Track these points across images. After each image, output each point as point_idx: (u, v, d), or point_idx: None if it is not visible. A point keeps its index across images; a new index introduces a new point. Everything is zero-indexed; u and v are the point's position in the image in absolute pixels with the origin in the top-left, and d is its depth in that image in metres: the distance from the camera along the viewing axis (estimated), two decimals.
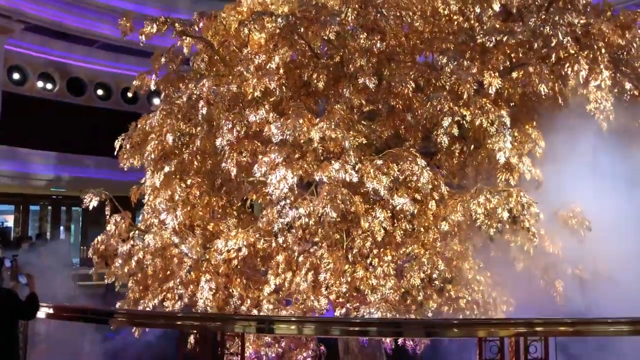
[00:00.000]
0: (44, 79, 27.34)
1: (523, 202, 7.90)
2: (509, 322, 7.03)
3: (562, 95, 8.20)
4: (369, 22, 7.94)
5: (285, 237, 8.10)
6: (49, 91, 27.42)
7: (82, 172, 25.38)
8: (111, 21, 24.99)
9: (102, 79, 28.93)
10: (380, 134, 8.50)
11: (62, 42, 26.87)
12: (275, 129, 7.40)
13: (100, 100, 28.88)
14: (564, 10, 8.23)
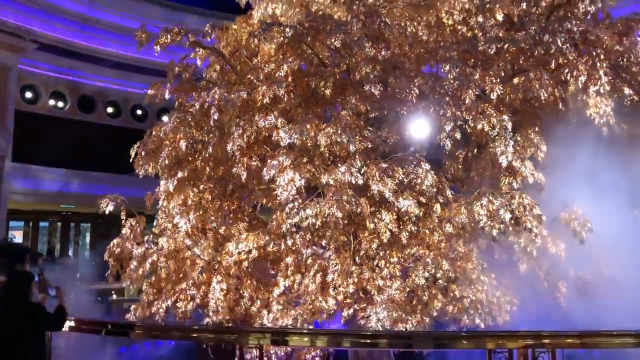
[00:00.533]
0: (56, 97, 28.36)
1: (525, 203, 8.42)
2: (517, 334, 7.37)
3: (563, 100, 8.72)
4: (374, 31, 8.54)
5: (294, 240, 8.71)
6: (60, 109, 28.43)
7: (91, 188, 26.20)
8: (121, 40, 26.25)
9: (112, 97, 29.94)
10: (386, 139, 9.01)
11: (74, 61, 27.93)
12: (284, 133, 7.98)
13: (110, 118, 29.85)
14: (564, 18, 8.81)
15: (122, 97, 30.05)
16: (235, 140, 8.56)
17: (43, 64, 27.37)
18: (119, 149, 10.96)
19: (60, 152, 26.41)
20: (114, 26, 26.84)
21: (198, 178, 9.61)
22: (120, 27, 26.58)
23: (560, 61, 8.40)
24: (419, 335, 8.15)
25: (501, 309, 8.63)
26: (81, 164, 26.50)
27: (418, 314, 8.63)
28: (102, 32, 26.97)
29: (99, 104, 29.60)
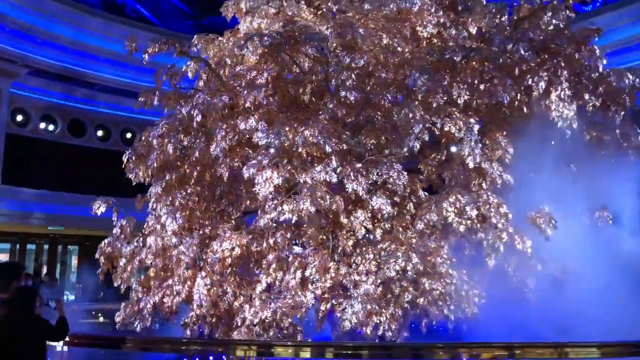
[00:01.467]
0: (46, 121, 29.89)
1: (491, 202, 9.63)
2: (490, 345, 8.16)
3: (528, 105, 9.99)
4: (349, 42, 9.84)
5: (275, 238, 9.95)
6: (51, 132, 29.89)
7: (80, 210, 27.55)
8: (112, 66, 27.88)
9: (102, 121, 31.49)
10: (365, 144, 10.23)
11: (65, 85, 29.52)
12: (261, 134, 9.23)
13: (100, 141, 31.36)
14: (528, 29, 10.14)
15: (112, 121, 31.57)
16: (219, 142, 9.75)
17: (34, 88, 28.90)
18: (108, 172, 12.05)
19: (50, 174, 27.79)
20: (106, 52, 28.44)
21: (186, 182, 10.77)
22: (111, 52, 28.22)
23: (524, 68, 9.62)
24: (399, 347, 9.19)
25: (469, 301, 9.73)
26: (70, 186, 27.81)
27: (391, 307, 9.75)
28: (94, 58, 28.54)
29: (89, 127, 31.07)
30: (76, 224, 28.54)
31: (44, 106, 29.63)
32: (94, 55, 28.12)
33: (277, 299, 9.95)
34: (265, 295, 10.19)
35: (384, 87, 10.03)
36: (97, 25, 28.01)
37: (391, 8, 10.43)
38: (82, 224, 28.11)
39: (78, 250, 31.73)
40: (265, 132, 9.20)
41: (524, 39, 9.67)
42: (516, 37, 9.75)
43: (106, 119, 31.45)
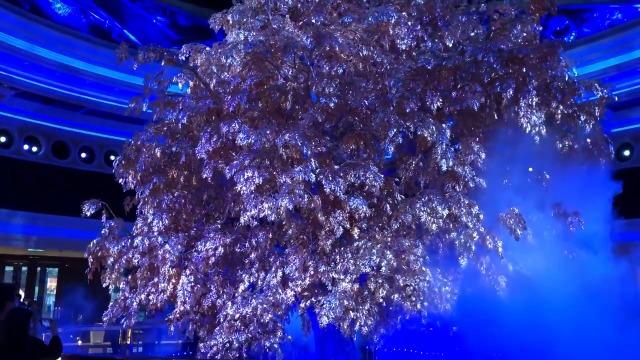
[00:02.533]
0: (30, 142, 31.46)
1: (462, 202, 11.05)
2: None
3: (499, 111, 11.47)
4: (328, 52, 11.33)
5: (257, 238, 11.37)
6: (35, 154, 31.40)
7: (61, 232, 29.00)
8: (97, 88, 29.55)
9: (86, 143, 33.10)
10: (345, 148, 11.63)
11: (50, 107, 31.17)
12: (242, 134, 10.67)
13: (84, 163, 32.93)
14: (498, 40, 11.68)
15: (97, 143, 33.17)
16: (203, 145, 11.18)
17: (19, 110, 30.50)
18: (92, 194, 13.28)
19: (34, 195, 29.23)
20: (92, 75, 30.11)
21: (173, 185, 12.16)
22: (97, 76, 29.93)
23: (493, 76, 11.11)
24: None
25: (442, 298, 11.10)
26: (53, 207, 29.24)
27: (368, 303, 11.10)
28: (79, 80, 30.16)
29: (73, 149, 32.63)
30: (57, 246, 30.06)
31: (28, 127, 31.13)
32: (80, 78, 29.65)
33: (258, 296, 11.22)
34: (247, 293, 11.46)
35: (363, 95, 11.39)
36: (84, 49, 29.55)
37: (370, 21, 11.84)
38: (64, 246, 29.68)
39: (58, 272, 33.05)
40: (246, 132, 10.54)
41: (493, 49, 11.13)
42: (486, 47, 11.18)
43: (90, 141, 33.00)
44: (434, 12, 12.93)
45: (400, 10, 12.28)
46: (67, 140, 32.03)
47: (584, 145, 12.47)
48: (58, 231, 28.67)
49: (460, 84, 11.19)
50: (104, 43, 30.12)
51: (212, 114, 11.48)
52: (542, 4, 12.14)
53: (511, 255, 11.54)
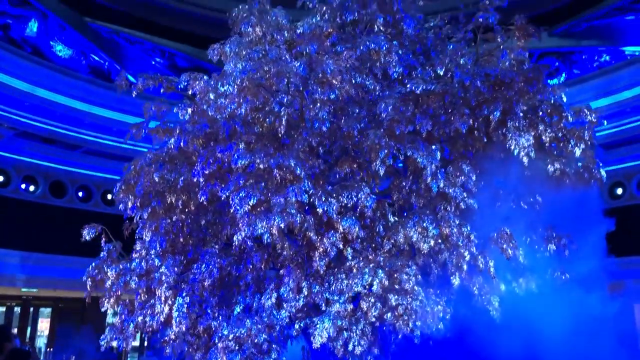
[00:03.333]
0: (28, 181, 31.73)
1: (452, 223, 11.28)
2: None
3: (487, 134, 11.78)
4: (318, 77, 11.68)
5: (252, 260, 11.57)
6: (32, 193, 31.66)
7: (57, 272, 29.12)
8: (96, 129, 29.98)
9: (84, 182, 33.38)
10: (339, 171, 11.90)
11: (49, 147, 31.56)
12: (236, 156, 10.97)
13: (81, 202, 33.15)
14: (484, 66, 12.07)
15: (94, 182, 33.47)
16: (199, 168, 11.49)
17: (18, 150, 30.84)
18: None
19: (28, 234, 29.38)
20: (90, 115, 30.56)
21: (172, 210, 12.40)
22: (96, 116, 30.40)
23: (480, 99, 11.46)
24: None
25: (435, 317, 11.23)
26: (49, 246, 29.37)
27: (361, 323, 11.25)
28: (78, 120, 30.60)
29: (71, 188, 32.88)
30: (51, 286, 30.36)
31: (26, 167, 31.45)
32: (79, 118, 30.22)
33: (252, 317, 11.38)
34: (242, 315, 11.62)
35: (356, 119, 11.75)
36: (83, 89, 30.23)
37: (361, 49, 12.23)
38: (58, 285, 29.92)
39: (51, 313, 32.96)
40: (240, 154, 10.85)
41: (480, 74, 11.50)
42: (474, 72, 11.55)
43: (88, 180, 33.29)
44: (425, 42, 13.29)
45: (392, 40, 12.59)
46: (65, 180, 32.50)
47: (576, 169, 12.61)
48: (53, 270, 29.06)
49: (449, 108, 11.46)
50: (102, 84, 30.95)
51: (211, 139, 11.75)
52: (527, 31, 12.49)
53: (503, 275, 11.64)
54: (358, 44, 12.52)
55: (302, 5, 14.41)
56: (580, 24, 31.54)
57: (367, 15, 13.19)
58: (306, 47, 12.20)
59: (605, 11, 30.94)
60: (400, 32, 13.71)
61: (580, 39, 31.53)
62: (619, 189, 29.48)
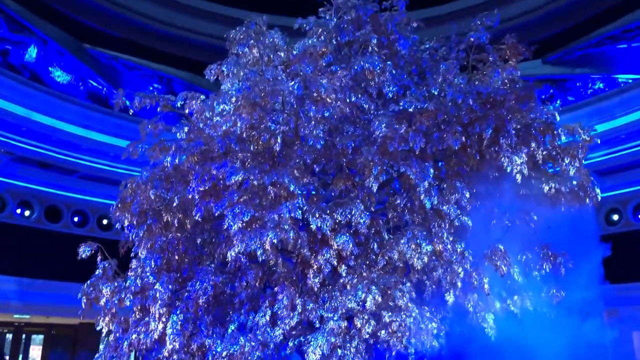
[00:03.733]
0: (23, 206, 31.72)
1: (445, 239, 11.32)
2: None
3: (480, 151, 11.88)
4: (313, 95, 11.81)
5: (247, 277, 11.58)
6: (27, 218, 31.65)
7: (50, 298, 29.01)
8: (92, 154, 30.09)
9: (80, 207, 33.36)
10: (335, 188, 12.00)
11: (45, 172, 31.61)
12: (230, 172, 11.09)
13: (76, 227, 33.12)
14: (476, 82, 12.20)
15: (90, 207, 33.46)
16: (194, 185, 11.57)
17: (14, 174, 30.88)
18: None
19: (22, 260, 29.32)
20: (87, 140, 30.68)
21: (167, 228, 12.44)
22: (92, 141, 30.54)
23: (472, 117, 11.58)
24: None
25: (429, 334, 11.22)
26: (43, 272, 29.32)
27: (355, 340, 11.23)
28: (75, 146, 30.72)
29: (66, 213, 32.86)
30: (45, 312, 30.32)
31: (22, 192, 31.45)
32: (76, 143, 30.33)
33: (246, 335, 11.36)
34: (236, 333, 11.60)
35: (350, 137, 11.87)
36: (80, 114, 30.44)
37: (356, 69, 12.39)
38: (51, 312, 29.93)
39: (43, 339, 32.69)
40: (234, 171, 10.94)
41: (472, 92, 11.64)
42: (466, 91, 11.69)
43: (84, 205, 33.27)
44: (420, 63, 13.47)
45: (386, 60, 12.76)
46: (60, 204, 32.42)
47: (571, 187, 12.68)
48: (47, 296, 28.86)
49: (442, 126, 11.57)
50: (99, 109, 31.06)
51: (206, 157, 11.83)
52: (517, 50, 12.69)
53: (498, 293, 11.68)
54: (352, 63, 12.67)
55: (299, 28, 14.66)
56: (574, 52, 32.02)
57: (362, 36, 13.34)
58: (300, 65, 12.30)
59: (597, 40, 31.42)
60: (395, 53, 13.92)
61: (574, 66, 31.99)
62: (615, 215, 29.58)
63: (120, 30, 34.52)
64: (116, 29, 34.43)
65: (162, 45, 35.14)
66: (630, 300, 27.29)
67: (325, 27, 14.30)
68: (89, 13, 33.97)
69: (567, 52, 32.21)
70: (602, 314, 14.87)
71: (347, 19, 13.98)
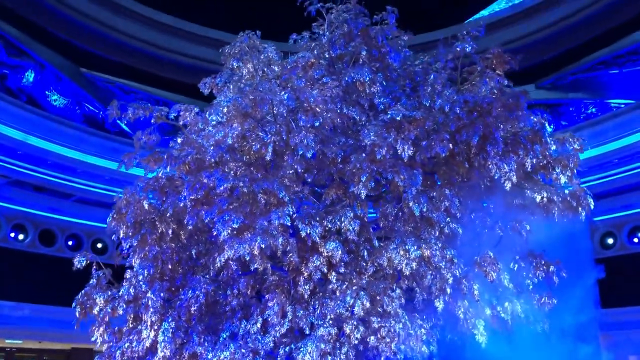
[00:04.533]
0: (17, 230, 31.86)
1: (434, 245, 11.45)
2: None
3: (468, 159, 12.07)
4: (303, 105, 12.08)
5: (239, 285, 11.71)
6: (20, 241, 31.80)
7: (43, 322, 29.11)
8: (88, 177, 30.31)
9: (74, 231, 33.47)
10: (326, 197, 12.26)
11: (40, 196, 31.82)
12: (221, 180, 11.46)
13: (70, 251, 33.18)
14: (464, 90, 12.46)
15: (84, 231, 33.58)
16: (186, 194, 11.81)
17: (8, 198, 31.05)
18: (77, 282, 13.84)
19: (15, 284, 29.45)
20: (82, 163, 30.97)
21: (162, 238, 12.71)
22: (88, 164, 30.82)
23: (459, 125, 11.81)
24: None
25: (418, 340, 11.32)
26: (36, 296, 29.40)
27: (345, 347, 11.32)
28: (70, 169, 31.01)
29: (60, 237, 32.95)
30: (37, 337, 30.40)
31: (16, 215, 31.62)
32: (71, 167, 30.73)
33: (237, 342, 11.46)
34: (228, 341, 11.70)
35: (341, 147, 12.15)
36: (76, 138, 31.02)
37: (347, 80, 12.65)
38: (44, 337, 29.98)
39: None
40: (224, 178, 11.50)
41: (459, 101, 11.90)
42: (453, 99, 11.97)
43: (78, 229, 33.39)
44: (413, 76, 13.75)
45: (377, 72, 13.04)
46: (55, 228, 32.52)
47: (563, 196, 12.90)
48: (39, 321, 28.89)
49: (430, 134, 11.80)
50: (95, 132, 31.64)
51: (201, 168, 12.07)
52: (503, 59, 13.07)
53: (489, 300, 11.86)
54: (343, 75, 12.93)
55: (294, 44, 15.18)
56: (567, 77, 32.53)
57: (353, 48, 13.65)
58: (290, 76, 12.56)
59: (590, 65, 31.92)
60: (387, 66, 14.23)
61: (567, 91, 32.44)
62: (610, 238, 29.86)
63: (116, 54, 35.38)
64: (113, 53, 35.23)
65: (158, 69, 36.08)
66: (627, 324, 27.43)
67: (318, 42, 14.84)
68: (86, 37, 34.79)
69: (560, 77, 32.96)
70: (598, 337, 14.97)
71: (340, 33, 14.28)
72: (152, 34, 36.49)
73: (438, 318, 12.13)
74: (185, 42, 37.08)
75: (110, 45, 35.48)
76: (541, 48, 33.61)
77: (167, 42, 36.80)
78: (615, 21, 32.40)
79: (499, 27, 33.23)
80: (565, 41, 33.40)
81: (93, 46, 34.99)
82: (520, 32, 33.94)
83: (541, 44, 33.77)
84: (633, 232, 30.03)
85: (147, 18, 36.49)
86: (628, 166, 28.58)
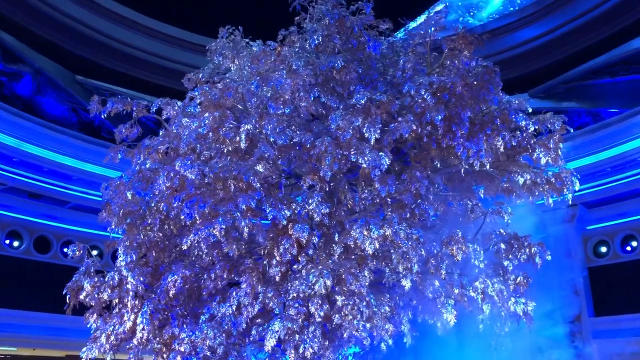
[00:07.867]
0: (12, 237, 32.37)
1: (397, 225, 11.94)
2: None
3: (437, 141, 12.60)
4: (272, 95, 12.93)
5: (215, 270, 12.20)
6: (15, 248, 32.42)
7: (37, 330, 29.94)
8: (83, 184, 30.82)
9: (69, 237, 33.92)
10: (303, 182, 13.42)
11: (35, 202, 32.46)
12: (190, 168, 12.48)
13: (66, 258, 33.46)
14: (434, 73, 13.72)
15: (80, 238, 33.91)
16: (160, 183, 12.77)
17: (2, 205, 31.68)
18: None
19: (8, 291, 30.11)
20: (78, 171, 31.55)
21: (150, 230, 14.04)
22: (84, 172, 31.48)
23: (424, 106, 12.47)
24: None
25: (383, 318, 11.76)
26: (30, 303, 30.01)
27: (313, 325, 11.72)
28: (66, 176, 31.62)
29: (55, 244, 33.41)
30: (31, 345, 31.58)
31: (11, 222, 32.27)
32: (67, 174, 31.63)
33: (210, 324, 11.97)
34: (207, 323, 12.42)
35: (312, 133, 12.77)
36: (72, 145, 32.39)
37: (321, 69, 13.23)
38: (38, 345, 31.01)
39: None
40: (193, 166, 12.62)
41: (424, 83, 12.77)
42: (419, 82, 13.28)
43: (73, 236, 33.87)
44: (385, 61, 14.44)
45: (353, 60, 14.60)
46: (50, 235, 33.11)
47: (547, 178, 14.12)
48: (34, 328, 29.64)
49: (397, 116, 12.27)
50: (91, 139, 32.73)
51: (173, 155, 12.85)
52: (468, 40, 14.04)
53: None
54: (317, 63, 13.41)
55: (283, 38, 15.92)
56: (559, 86, 32.71)
57: (327, 38, 14.26)
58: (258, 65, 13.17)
59: (583, 74, 32.28)
60: (368, 56, 15.30)
61: (560, 100, 32.74)
62: (603, 247, 30.25)
63: (112, 62, 37.27)
64: (108, 61, 37.14)
65: (154, 76, 37.78)
66: (621, 332, 27.65)
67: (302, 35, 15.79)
68: (82, 45, 36.59)
69: (553, 86, 33.09)
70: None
71: (318, 25, 14.99)
72: (148, 42, 38.43)
73: (410, 298, 12.55)
74: (182, 50, 38.76)
75: (106, 53, 37.10)
76: (534, 57, 34.22)
77: (163, 49, 38.71)
78: (608, 30, 35.22)
79: (494, 36, 33.71)
80: (558, 50, 34.10)
81: (88, 53, 36.38)
82: (512, 41, 34.52)
83: (534, 53, 34.50)
84: (626, 241, 31.73)
85: (143, 26, 38.60)
86: (621, 175, 29.29)
